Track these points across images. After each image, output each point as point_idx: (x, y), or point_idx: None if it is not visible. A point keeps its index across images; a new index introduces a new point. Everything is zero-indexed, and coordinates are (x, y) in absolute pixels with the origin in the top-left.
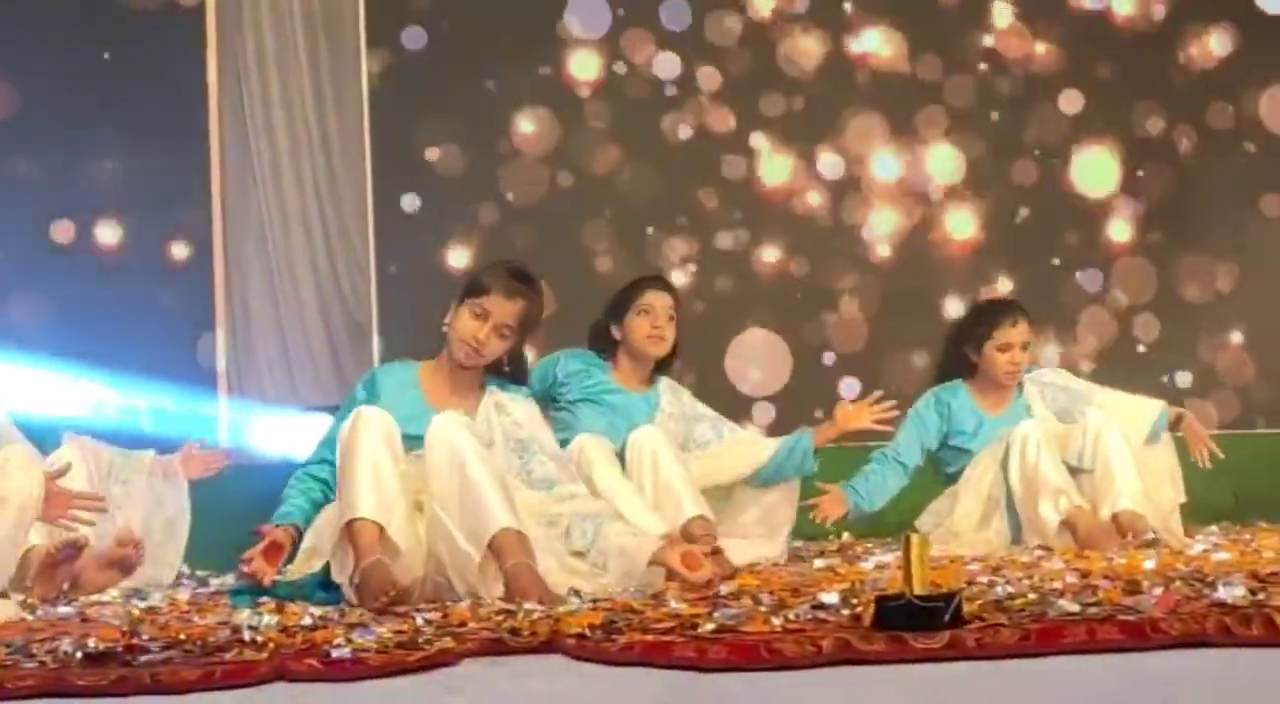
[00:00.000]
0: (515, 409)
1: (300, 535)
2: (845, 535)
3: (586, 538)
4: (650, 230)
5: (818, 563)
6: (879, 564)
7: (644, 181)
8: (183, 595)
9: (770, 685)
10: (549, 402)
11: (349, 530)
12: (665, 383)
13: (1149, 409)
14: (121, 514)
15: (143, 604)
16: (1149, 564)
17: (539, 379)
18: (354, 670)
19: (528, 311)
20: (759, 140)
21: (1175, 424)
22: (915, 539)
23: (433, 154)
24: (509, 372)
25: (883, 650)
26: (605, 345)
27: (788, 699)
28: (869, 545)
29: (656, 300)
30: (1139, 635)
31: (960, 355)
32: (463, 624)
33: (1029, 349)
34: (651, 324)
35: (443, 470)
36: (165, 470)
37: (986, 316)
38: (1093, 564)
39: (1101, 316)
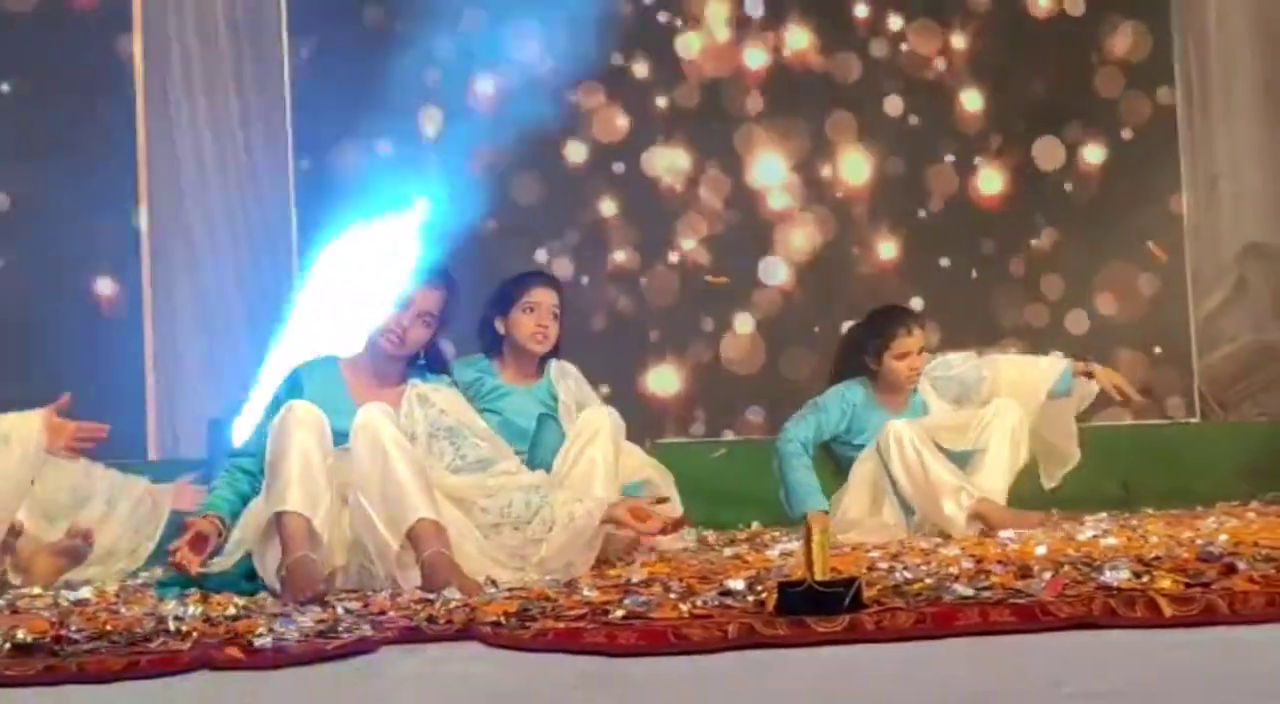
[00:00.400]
0: (438, 398)
1: (225, 526)
2: (755, 524)
3: (531, 508)
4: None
5: (726, 551)
6: (784, 552)
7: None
8: (111, 587)
9: (678, 669)
10: None
11: (277, 522)
12: (556, 369)
13: (1051, 367)
14: (96, 531)
15: (73, 596)
16: (1040, 550)
17: None
18: (275, 659)
19: (447, 301)
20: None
21: (1088, 375)
22: (816, 527)
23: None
24: (426, 363)
25: (786, 635)
26: (491, 340)
27: (694, 683)
28: (775, 534)
29: (543, 298)
30: (1030, 618)
31: (858, 362)
32: (382, 612)
33: (923, 352)
34: (536, 322)
35: (365, 460)
36: (155, 498)
37: (881, 326)
38: (987, 550)
39: (1009, 316)
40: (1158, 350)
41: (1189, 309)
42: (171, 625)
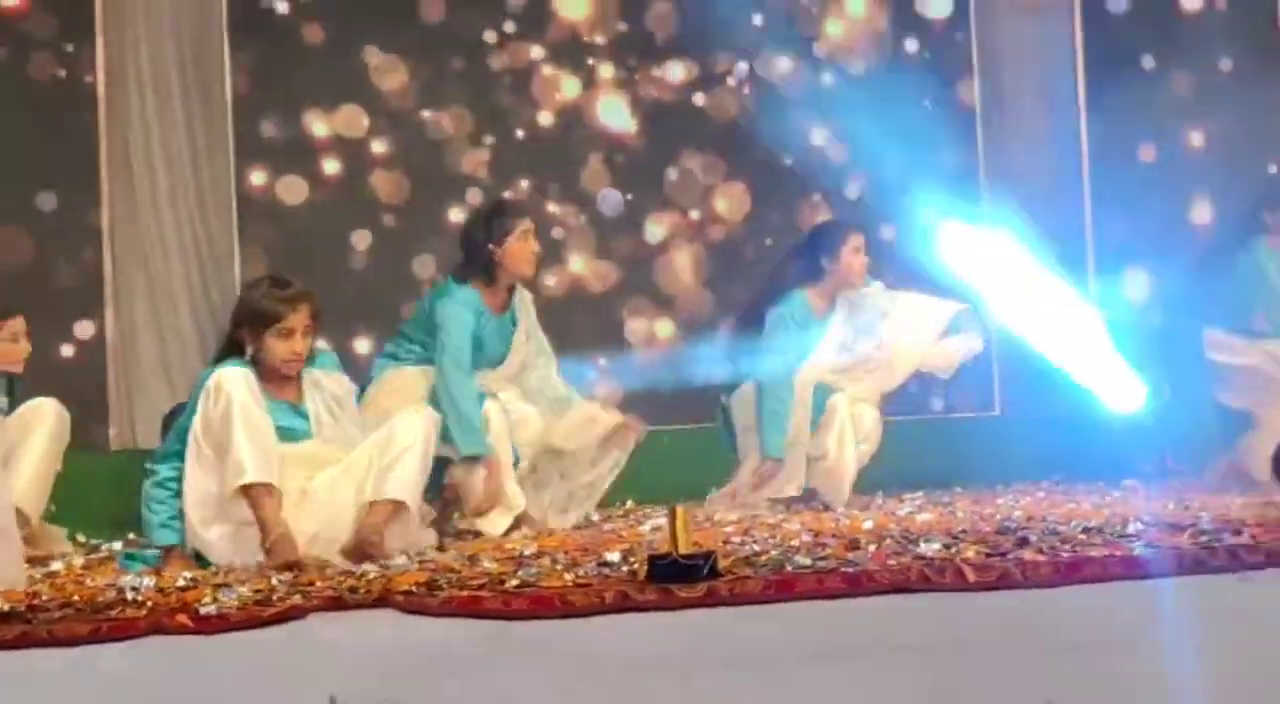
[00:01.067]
0: (329, 382)
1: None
2: (629, 502)
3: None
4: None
5: (606, 527)
6: (654, 527)
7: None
8: (78, 561)
9: (562, 630)
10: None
11: (246, 495)
12: (520, 299)
13: (942, 310)
14: None
15: (43, 571)
16: (868, 524)
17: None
18: (218, 625)
19: (314, 304)
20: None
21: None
22: (679, 511)
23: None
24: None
25: (654, 600)
26: (478, 264)
27: (576, 642)
28: (647, 511)
29: (532, 225)
30: (857, 584)
31: (813, 263)
32: (311, 583)
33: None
34: (533, 249)
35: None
36: None
37: (834, 231)
38: (824, 525)
39: None
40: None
41: None
42: (129, 595)
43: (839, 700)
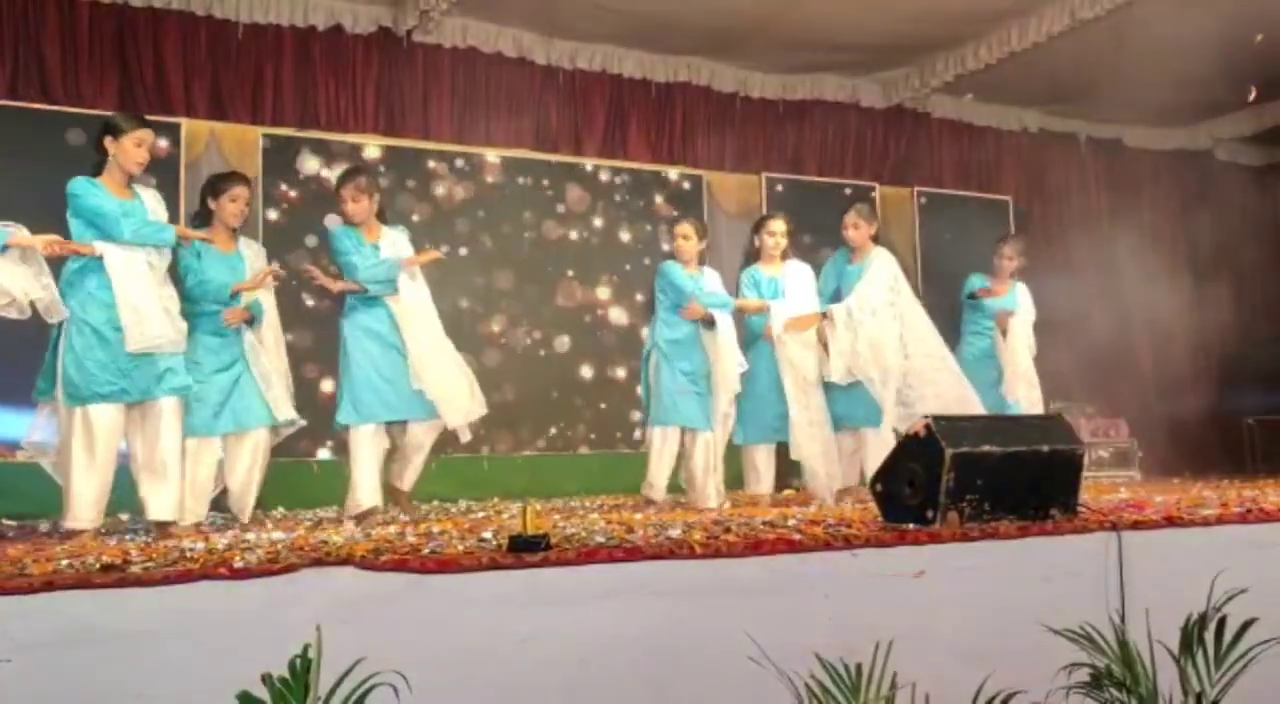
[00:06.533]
0: None
1: None
2: (495, 499)
3: None
4: None
5: (479, 515)
6: (510, 516)
7: None
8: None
9: (456, 580)
10: None
11: None
12: (244, 242)
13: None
14: None
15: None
16: (639, 517)
17: None
18: (244, 574)
19: None
20: None
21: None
22: (529, 509)
23: None
24: None
25: (512, 562)
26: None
27: (464, 588)
28: (508, 506)
29: (242, 192)
30: (636, 554)
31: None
32: (301, 548)
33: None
34: (240, 208)
35: None
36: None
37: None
38: (630, 518)
39: None
40: None
41: None
42: (189, 554)
43: (615, 622)
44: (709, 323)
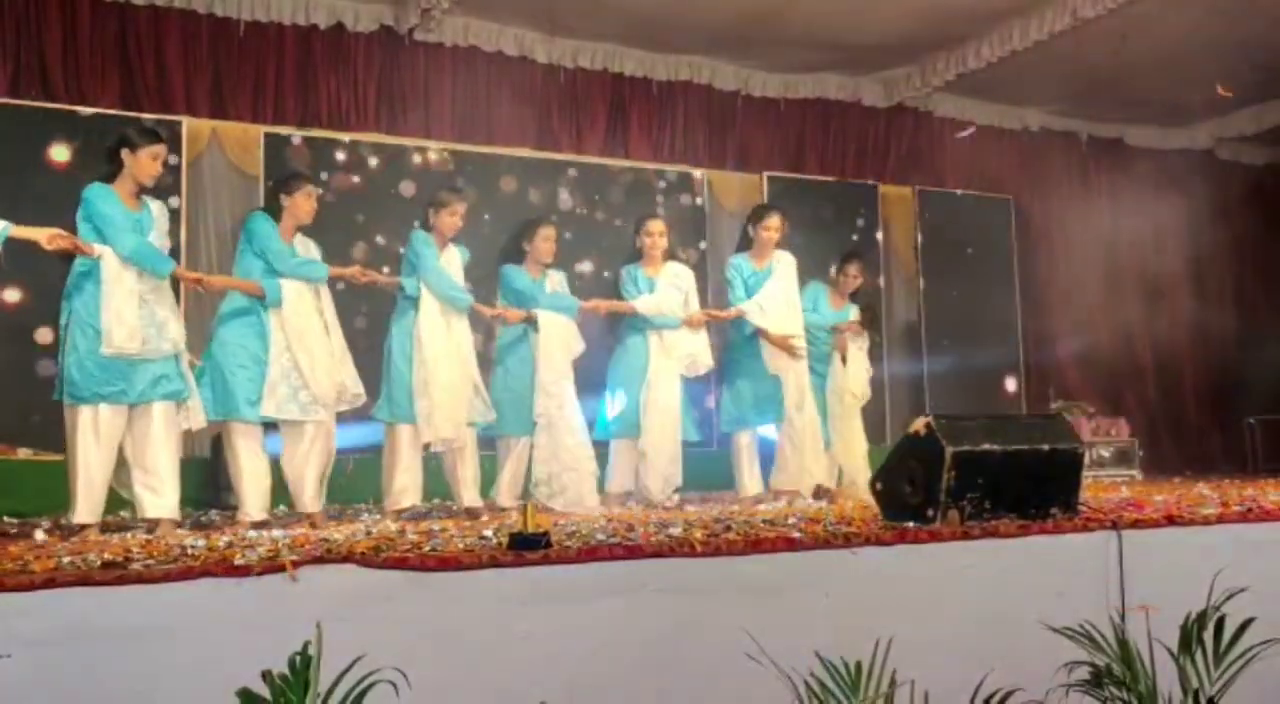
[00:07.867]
0: None
1: None
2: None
3: None
4: None
5: (485, 517)
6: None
7: None
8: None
9: (457, 577)
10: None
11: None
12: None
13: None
14: None
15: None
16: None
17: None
18: (244, 571)
19: None
20: None
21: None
22: (529, 506)
23: None
24: None
25: (512, 560)
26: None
27: (465, 586)
28: (510, 507)
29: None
30: (636, 552)
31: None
32: (302, 544)
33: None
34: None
35: None
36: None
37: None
38: (626, 516)
39: None
40: None
41: None
42: (189, 551)
43: (615, 620)
44: (534, 325)
